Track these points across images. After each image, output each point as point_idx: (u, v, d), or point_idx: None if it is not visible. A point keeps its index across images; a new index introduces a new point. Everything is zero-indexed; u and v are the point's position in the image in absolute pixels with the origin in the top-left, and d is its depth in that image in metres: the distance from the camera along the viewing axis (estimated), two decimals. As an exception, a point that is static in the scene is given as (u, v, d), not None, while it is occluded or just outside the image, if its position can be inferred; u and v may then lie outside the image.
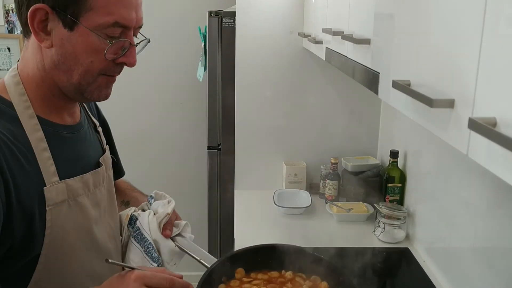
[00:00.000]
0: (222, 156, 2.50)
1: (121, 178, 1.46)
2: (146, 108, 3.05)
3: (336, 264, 1.23)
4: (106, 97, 1.07)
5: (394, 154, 1.97)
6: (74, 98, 1.06)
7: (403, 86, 0.81)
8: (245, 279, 1.24)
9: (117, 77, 1.07)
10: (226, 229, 2.52)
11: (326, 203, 2.20)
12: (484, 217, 1.38)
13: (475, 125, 0.58)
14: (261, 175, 2.42)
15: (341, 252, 1.83)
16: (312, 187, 2.38)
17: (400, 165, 2.00)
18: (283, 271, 1.27)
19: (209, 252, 1.35)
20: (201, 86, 2.65)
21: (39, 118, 1.01)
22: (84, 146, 1.14)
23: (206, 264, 1.22)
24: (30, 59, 1.02)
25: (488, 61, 0.60)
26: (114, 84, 1.08)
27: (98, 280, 1.05)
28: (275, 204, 2.16)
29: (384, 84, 1.00)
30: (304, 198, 2.25)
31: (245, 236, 1.95)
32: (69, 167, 1.05)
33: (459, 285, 1.52)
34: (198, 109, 2.88)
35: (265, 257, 1.27)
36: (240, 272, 1.25)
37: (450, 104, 0.68)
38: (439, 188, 1.69)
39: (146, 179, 1.52)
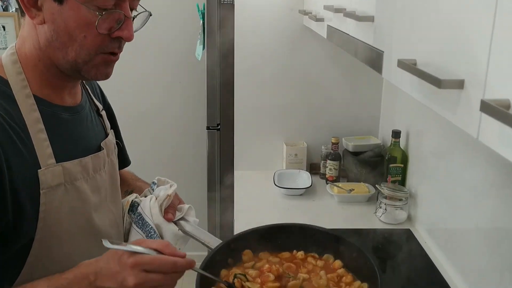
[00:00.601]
0: (221, 136, 2.47)
1: (125, 169, 1.43)
2: (144, 87, 3.00)
3: (349, 240, 1.20)
4: (105, 76, 1.03)
5: (396, 134, 1.94)
6: (73, 76, 1.02)
7: (409, 66, 0.77)
8: (248, 265, 1.20)
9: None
10: (226, 209, 2.50)
11: (327, 183, 2.17)
12: (488, 198, 1.36)
13: (487, 108, 0.54)
14: (261, 155, 2.40)
15: (343, 234, 1.82)
16: (312, 168, 2.35)
17: (402, 145, 1.97)
18: (294, 251, 1.25)
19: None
20: (200, 65, 2.61)
21: (36, 98, 0.98)
22: (85, 129, 1.10)
23: (211, 246, 1.18)
24: (27, 37, 0.99)
25: (502, 38, 0.56)
26: None
27: None
28: (275, 184, 2.14)
29: (389, 63, 0.97)
30: (304, 178, 2.23)
31: (245, 217, 1.93)
32: (67, 149, 1.01)
33: (461, 267, 1.51)
34: (197, 88, 2.84)
35: (274, 237, 1.24)
36: (247, 254, 1.22)
37: (459, 84, 0.65)
38: (442, 168, 1.66)
39: (144, 160, 1.49)
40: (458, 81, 0.65)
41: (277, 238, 1.24)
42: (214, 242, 1.20)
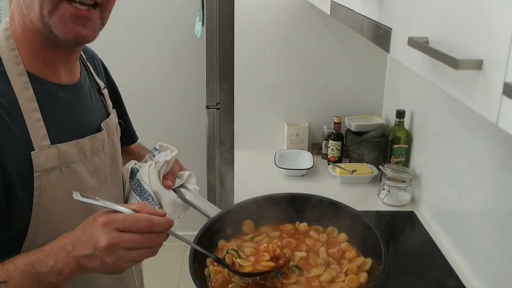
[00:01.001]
0: (221, 115, 2.42)
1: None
2: (142, 65, 2.94)
3: (355, 212, 1.16)
4: (77, 36, 0.92)
5: (400, 114, 1.89)
6: (51, 38, 0.93)
7: (421, 44, 0.72)
8: (247, 238, 1.15)
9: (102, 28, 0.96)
10: (225, 190, 2.47)
11: (329, 164, 2.13)
12: (496, 179, 1.31)
13: (511, 91, 0.50)
14: (261, 135, 2.35)
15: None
16: (314, 148, 2.31)
17: (406, 125, 1.92)
18: (296, 223, 1.20)
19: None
20: (199, 42, 2.54)
21: (31, 75, 0.93)
22: (83, 108, 1.05)
23: (209, 215, 1.14)
24: (15, 9, 0.95)
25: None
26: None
27: None
28: (276, 165, 2.10)
29: (397, 41, 0.91)
30: (306, 159, 2.19)
31: (245, 199, 1.89)
32: (63, 130, 0.97)
33: (466, 250, 1.48)
34: (196, 66, 2.77)
35: (277, 207, 1.20)
36: (248, 224, 1.18)
37: (477, 65, 0.60)
38: (447, 149, 1.62)
39: (142, 140, 1.44)
40: (476, 62, 0.60)
41: (280, 208, 1.20)
42: (214, 211, 1.15)
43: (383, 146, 2.00)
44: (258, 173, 2.14)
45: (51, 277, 0.85)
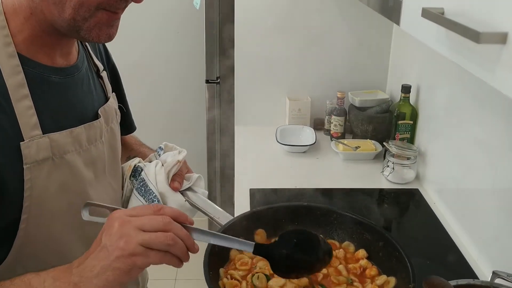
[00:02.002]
0: (221, 90, 2.37)
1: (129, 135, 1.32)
2: (139, 38, 2.86)
3: (375, 227, 1.07)
4: (108, 38, 0.88)
5: (406, 89, 1.83)
6: (71, 36, 0.89)
7: (437, 16, 0.66)
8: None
9: None
10: (226, 167, 2.44)
11: (332, 140, 2.09)
12: (506, 157, 1.27)
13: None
14: (262, 110, 2.30)
15: (348, 193, 1.76)
16: (316, 123, 2.26)
17: (412, 100, 1.86)
18: None
19: (208, 195, 1.23)
20: (198, 14, 2.47)
21: (22, 57, 0.85)
22: (80, 94, 0.97)
23: (221, 222, 1.07)
24: None
25: None
26: None
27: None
28: (278, 141, 2.05)
29: (409, 12, 0.85)
30: (308, 135, 2.14)
31: (245, 176, 1.86)
32: (56, 118, 0.90)
33: (473, 230, 1.44)
34: (196, 39, 2.70)
35: (291, 217, 1.12)
36: (260, 233, 1.10)
37: (501, 39, 0.54)
38: (455, 126, 1.56)
39: (140, 116, 1.39)
40: (500, 35, 0.54)
41: (295, 218, 1.12)
42: (224, 217, 1.08)
43: (387, 122, 1.95)
44: (259, 149, 2.09)
45: None
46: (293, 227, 1.10)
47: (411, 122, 1.84)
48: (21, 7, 0.84)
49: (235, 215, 1.11)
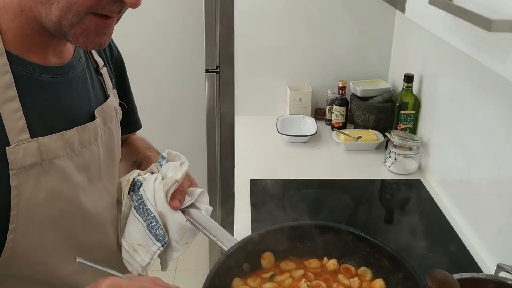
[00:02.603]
0: (221, 79, 2.34)
1: (137, 135, 1.25)
2: (137, 27, 2.82)
3: (395, 254, 0.95)
4: (97, 46, 0.82)
5: (408, 79, 1.80)
6: (60, 38, 0.83)
7: (446, 3, 0.63)
8: (266, 275, 0.98)
9: None
10: (226, 157, 2.41)
11: (333, 130, 2.06)
12: (511, 148, 1.24)
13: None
14: (263, 99, 2.27)
15: (349, 184, 1.74)
16: (317, 113, 2.23)
17: (414, 90, 1.84)
18: (325, 259, 1.02)
19: (208, 186, 1.19)
20: (197, 2, 2.43)
21: (10, 55, 0.80)
22: (74, 93, 0.91)
23: (224, 247, 0.97)
24: None
25: None
26: None
27: (86, 254, 0.88)
28: (278, 131, 2.03)
29: (415, 0, 0.82)
30: (309, 125, 2.11)
31: (245, 167, 1.84)
32: (47, 121, 0.85)
33: (476, 221, 1.42)
34: (195, 27, 2.66)
35: (301, 237, 1.02)
36: (267, 257, 1.01)
37: (514, 27, 0.52)
38: (458, 116, 1.54)
39: (139, 106, 1.34)
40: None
41: (305, 239, 1.02)
42: (228, 240, 0.98)
43: (389, 112, 1.92)
44: (259, 139, 2.07)
45: None
46: (304, 249, 1.02)
47: (414, 112, 1.82)
48: (10, 4, 0.80)
49: (235, 211, 1.07)
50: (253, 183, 1.69)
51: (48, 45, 0.86)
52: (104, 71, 1.03)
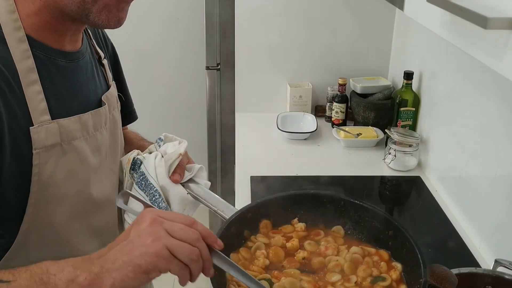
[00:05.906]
0: (221, 76, 2.35)
1: (129, 129, 1.29)
2: (138, 24, 2.83)
3: (385, 215, 1.03)
4: (117, 22, 0.87)
5: (408, 75, 1.81)
6: (80, 21, 0.88)
7: (443, 1, 0.64)
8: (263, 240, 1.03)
9: None
10: (226, 154, 2.42)
11: (333, 127, 2.07)
12: (509, 145, 1.25)
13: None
14: (263, 96, 2.28)
15: (349, 180, 1.75)
16: (318, 110, 2.24)
17: (414, 87, 1.84)
18: (322, 225, 1.06)
19: (209, 179, 1.20)
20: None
21: (31, 39, 0.84)
22: (85, 79, 0.97)
23: (224, 215, 1.02)
24: None
25: None
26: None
27: (96, 235, 0.93)
28: (278, 128, 2.04)
29: (413, -3, 0.83)
30: (309, 122, 2.12)
31: (246, 164, 1.85)
32: (64, 104, 0.89)
33: (475, 218, 1.43)
34: (196, 25, 2.67)
35: (297, 206, 1.07)
36: (266, 224, 1.05)
37: (510, 24, 0.53)
38: (457, 113, 1.55)
39: (139, 103, 1.36)
40: (509, 20, 0.53)
41: (301, 207, 1.07)
42: (228, 210, 1.03)
43: (389, 109, 1.93)
44: (259, 136, 2.08)
45: (59, 283, 0.72)
46: (299, 216, 1.07)
47: (413, 109, 1.83)
48: None
49: (236, 204, 1.09)
50: (254, 179, 1.70)
51: (67, 30, 0.90)
52: (105, 62, 1.08)
